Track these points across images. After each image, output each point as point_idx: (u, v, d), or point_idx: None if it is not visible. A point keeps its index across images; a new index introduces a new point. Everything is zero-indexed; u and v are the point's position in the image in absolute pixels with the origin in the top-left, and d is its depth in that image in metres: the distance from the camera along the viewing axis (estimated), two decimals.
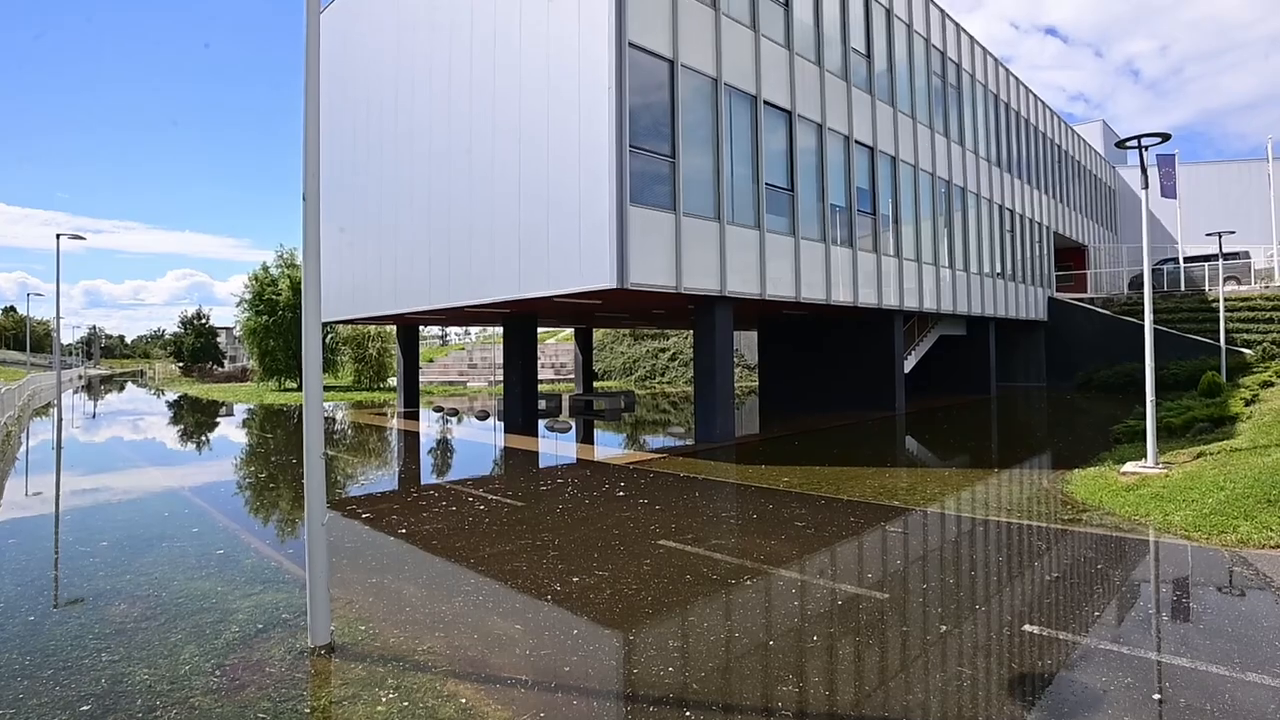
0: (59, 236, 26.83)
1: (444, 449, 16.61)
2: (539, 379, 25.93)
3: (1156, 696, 4.01)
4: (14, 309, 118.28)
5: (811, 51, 17.69)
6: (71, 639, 5.11)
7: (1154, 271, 31.53)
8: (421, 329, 31.06)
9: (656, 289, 13.22)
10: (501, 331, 22.86)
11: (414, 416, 23.09)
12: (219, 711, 4.03)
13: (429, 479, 12.72)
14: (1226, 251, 27.77)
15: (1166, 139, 10.59)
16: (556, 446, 16.18)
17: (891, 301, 20.17)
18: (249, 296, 39.50)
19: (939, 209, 23.30)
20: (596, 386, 35.28)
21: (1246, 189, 41.07)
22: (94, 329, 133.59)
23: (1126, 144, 10.82)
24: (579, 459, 14.29)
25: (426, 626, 5.25)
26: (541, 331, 48.66)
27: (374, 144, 20.79)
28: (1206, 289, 30.51)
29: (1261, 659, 4.44)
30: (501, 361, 23.39)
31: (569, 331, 45.19)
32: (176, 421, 25.00)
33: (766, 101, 16.00)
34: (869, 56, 20.00)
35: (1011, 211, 28.60)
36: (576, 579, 6.31)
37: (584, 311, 20.25)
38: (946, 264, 23.35)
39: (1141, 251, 11.60)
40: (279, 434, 19.53)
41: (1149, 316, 10.89)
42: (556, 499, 10.03)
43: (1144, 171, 11.32)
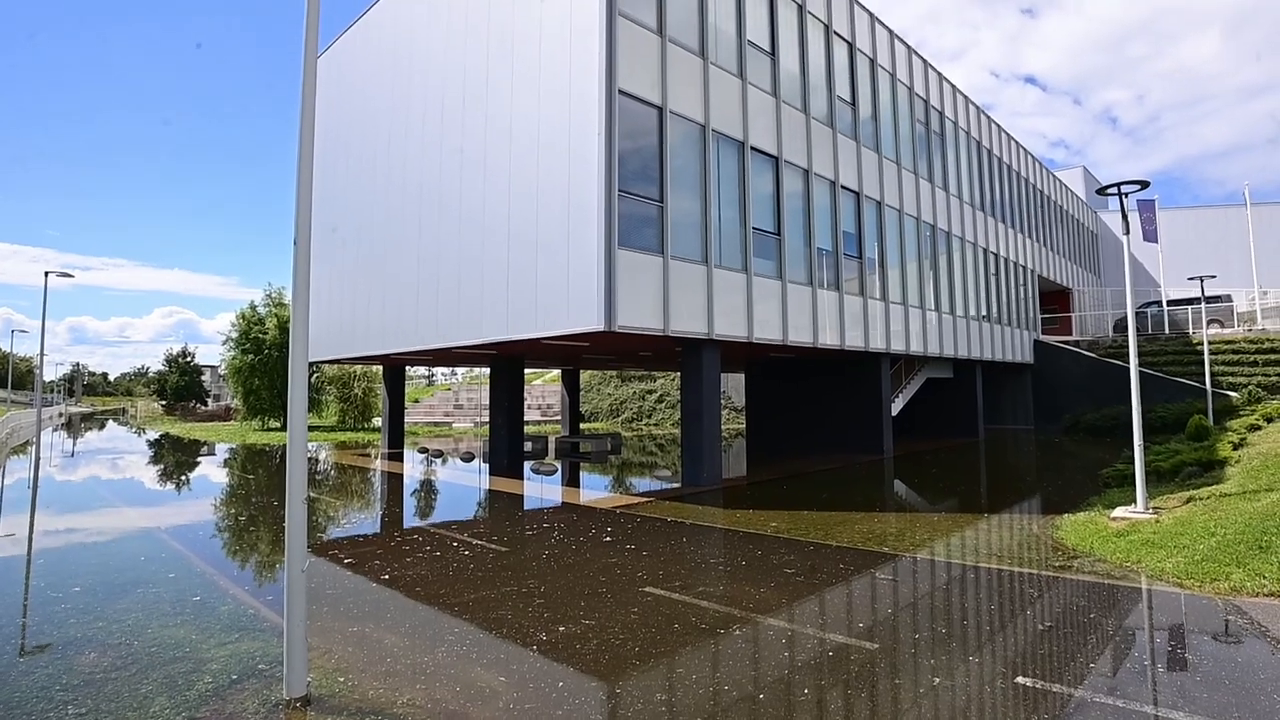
0: (47, 274, 26.70)
1: (428, 491, 16.39)
2: (525, 420, 25.77)
3: None
4: None
5: (797, 99, 18.02)
6: (38, 690, 4.93)
7: (1138, 314, 31.88)
8: (408, 369, 30.93)
9: (644, 331, 13.22)
10: (488, 372, 22.76)
11: (398, 458, 22.84)
12: None
13: (412, 522, 12.53)
14: (1209, 295, 28.17)
15: (1145, 186, 10.78)
16: (542, 489, 16.01)
17: (878, 344, 20.27)
18: (235, 335, 39.33)
19: (924, 252, 23.56)
20: (583, 428, 35.10)
21: (1225, 233, 41.90)
22: (77, 366, 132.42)
23: (1107, 191, 11.02)
24: (565, 502, 14.12)
25: (407, 678, 5.10)
26: (529, 372, 48.57)
27: (364, 185, 20.91)
28: (1190, 331, 30.86)
29: (1261, 711, 4.36)
30: (488, 402, 23.26)
31: (556, 373, 45.14)
32: (156, 461, 24.62)
33: (753, 147, 16.23)
34: (854, 104, 20.39)
35: (996, 255, 28.97)
36: (562, 628, 6.17)
37: (571, 353, 20.22)
38: (932, 307, 23.54)
39: (1125, 295, 11.72)
40: (260, 474, 19.25)
41: (1134, 360, 10.97)
42: (542, 544, 9.87)
43: (1125, 218, 11.49)
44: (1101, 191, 11.16)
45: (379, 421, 34.26)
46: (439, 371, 67.60)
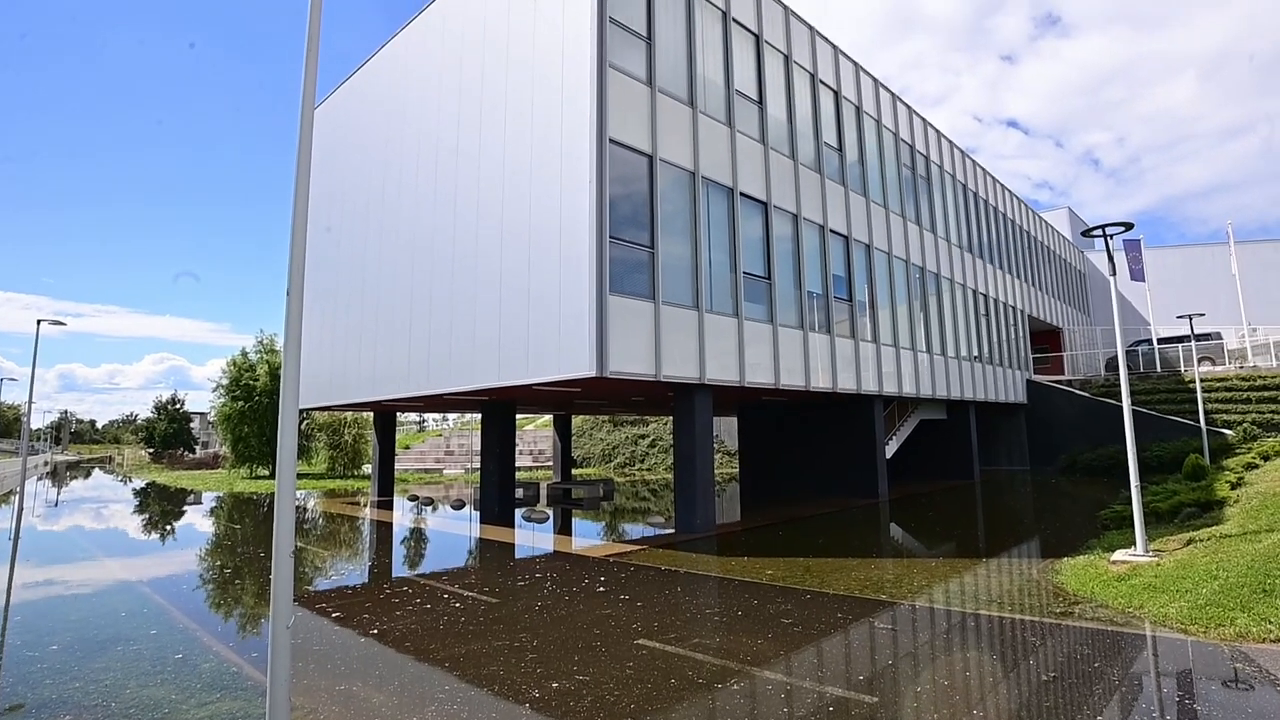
0: (39, 322, 26.51)
1: (418, 540, 16.13)
2: (517, 466, 25.53)
3: None
4: None
5: (785, 145, 18.28)
6: None
7: (1129, 353, 32.06)
8: (399, 415, 30.69)
9: (636, 377, 13.17)
10: (480, 418, 22.60)
11: (388, 505, 22.54)
12: None
13: (401, 572, 12.28)
14: (1198, 333, 28.36)
15: (1129, 228, 10.91)
16: (534, 538, 15.77)
17: (870, 387, 20.25)
18: (226, 382, 38.99)
19: (914, 294, 23.71)
20: (575, 474, 34.80)
21: (1211, 271, 42.39)
22: (65, 414, 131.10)
23: (1092, 233, 11.13)
24: (557, 551, 13.90)
25: None
26: (520, 418, 48.31)
27: (357, 232, 21.00)
28: (1182, 369, 30.99)
29: None
30: (479, 448, 23.05)
31: (548, 418, 44.89)
32: (140, 510, 24.21)
33: (743, 193, 16.40)
34: (841, 150, 20.70)
35: (985, 296, 29.19)
36: (555, 684, 5.99)
37: (564, 398, 20.13)
38: (924, 348, 23.61)
39: (1115, 333, 11.76)
40: (247, 524, 18.93)
41: (1126, 401, 10.96)
42: (534, 595, 9.67)
43: (1111, 260, 11.60)
44: (1087, 234, 11.28)
45: (369, 469, 33.95)
46: (430, 417, 67.17)
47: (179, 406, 69.95)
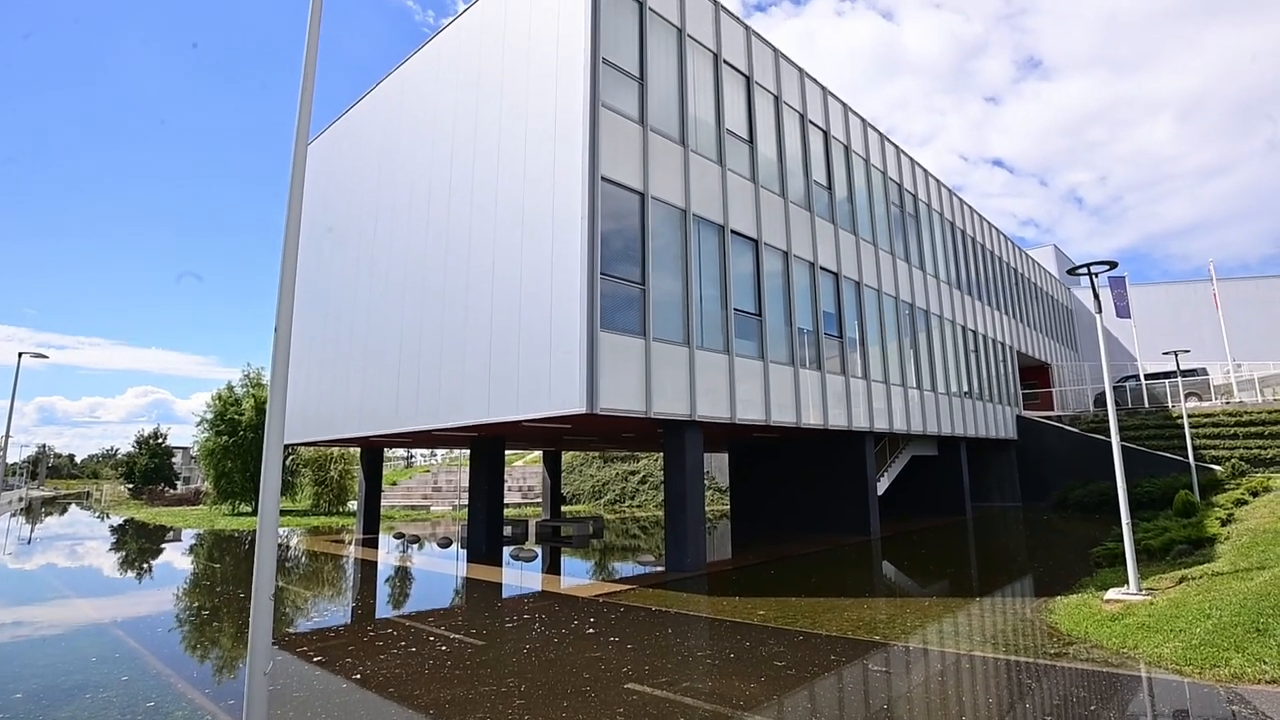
0: (20, 355, 26.22)
1: (403, 579, 15.84)
2: (506, 503, 25.25)
3: None
4: None
5: (775, 184, 18.46)
6: None
7: (1116, 389, 32.22)
8: (386, 451, 30.39)
9: (627, 414, 13.08)
10: (469, 453, 22.38)
11: (373, 544, 22.18)
12: None
13: (386, 613, 12.01)
14: (1185, 369, 28.57)
15: (1114, 266, 11.01)
16: (522, 577, 15.52)
17: (861, 423, 20.22)
18: (210, 416, 38.52)
19: (904, 331, 23.82)
20: (565, 510, 34.43)
21: (1196, 308, 42.92)
22: (43, 448, 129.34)
23: (1078, 272, 11.22)
24: (545, 590, 13.66)
25: None
26: (510, 454, 48.00)
27: (348, 268, 20.98)
28: (1170, 405, 31.16)
29: None
30: (467, 484, 22.79)
31: (537, 454, 44.63)
32: (117, 548, 23.73)
33: (733, 230, 16.50)
34: (830, 188, 20.92)
35: (975, 332, 29.36)
36: None
37: (553, 435, 19.97)
38: (914, 384, 23.64)
39: (1102, 369, 11.81)
40: (227, 562, 18.56)
41: (1115, 439, 10.96)
42: (522, 637, 9.46)
43: (1096, 297, 11.71)
44: (1072, 272, 11.37)
45: (354, 505, 33.53)
46: (418, 453, 66.58)
47: (161, 441, 68.95)
